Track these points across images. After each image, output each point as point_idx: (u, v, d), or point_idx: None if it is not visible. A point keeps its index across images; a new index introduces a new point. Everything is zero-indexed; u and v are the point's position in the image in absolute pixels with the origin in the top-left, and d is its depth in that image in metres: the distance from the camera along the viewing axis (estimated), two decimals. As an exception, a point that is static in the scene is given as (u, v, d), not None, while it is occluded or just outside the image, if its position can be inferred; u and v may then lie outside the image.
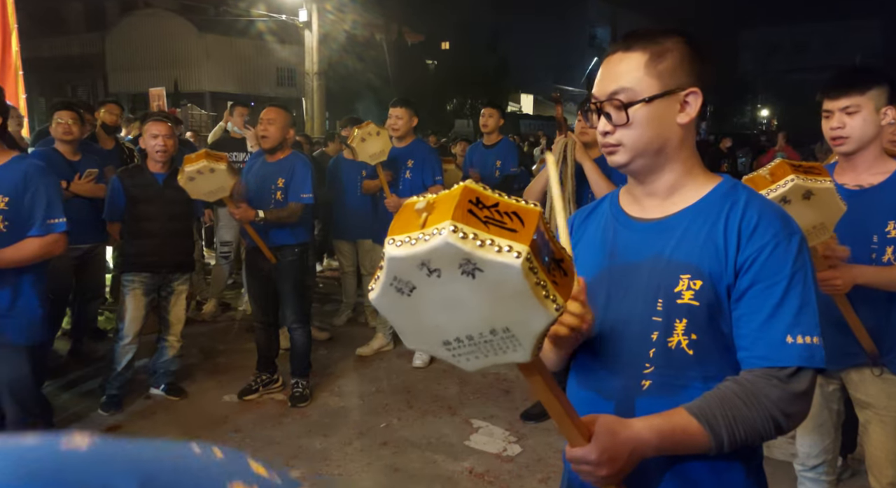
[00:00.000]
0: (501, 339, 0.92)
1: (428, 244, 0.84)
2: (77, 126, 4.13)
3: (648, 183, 1.24)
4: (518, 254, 0.83)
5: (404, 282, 0.90)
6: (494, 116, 5.25)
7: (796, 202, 1.64)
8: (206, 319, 5.53)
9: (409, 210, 0.91)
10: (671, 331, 1.16)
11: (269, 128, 3.81)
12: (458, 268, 0.86)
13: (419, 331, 0.96)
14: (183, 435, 3.51)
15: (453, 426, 3.67)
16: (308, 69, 16.52)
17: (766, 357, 1.10)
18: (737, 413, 1.08)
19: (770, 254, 1.11)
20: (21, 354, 2.57)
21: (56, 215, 2.56)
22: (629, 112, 1.16)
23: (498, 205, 0.89)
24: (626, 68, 1.18)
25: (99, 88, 26.63)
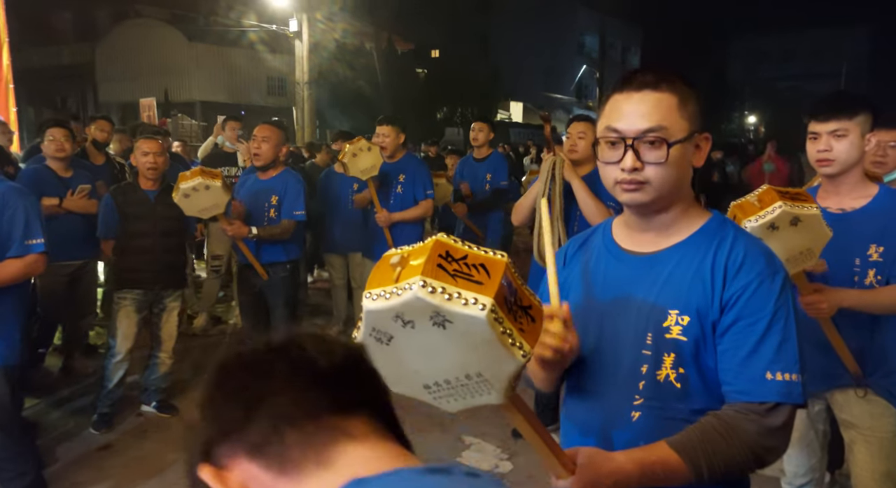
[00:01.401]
0: (476, 383, 0.98)
1: (400, 298, 0.90)
2: (69, 143, 4.13)
3: (652, 219, 1.26)
4: (483, 305, 0.89)
5: (382, 332, 0.96)
6: (485, 131, 5.29)
7: (784, 228, 1.68)
8: (196, 333, 5.51)
9: (386, 264, 0.98)
10: (660, 365, 1.20)
11: (263, 146, 3.82)
12: (430, 320, 0.91)
13: (401, 377, 1.01)
14: (175, 453, 3.51)
15: (445, 443, 3.68)
16: (298, 78, 16.54)
17: (746, 392, 1.13)
18: (716, 447, 1.11)
19: (754, 291, 1.15)
20: (0, 375, 2.56)
21: (34, 236, 2.57)
22: (670, 150, 1.17)
23: (466, 258, 0.95)
24: (662, 107, 1.18)
25: (89, 98, 26.53)
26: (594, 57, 35.49)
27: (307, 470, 0.60)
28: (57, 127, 4.13)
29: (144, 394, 4.01)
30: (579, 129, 3.17)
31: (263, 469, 0.61)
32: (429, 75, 28.35)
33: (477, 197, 5.31)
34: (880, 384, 2.02)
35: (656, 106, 1.18)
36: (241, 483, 0.61)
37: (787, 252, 1.69)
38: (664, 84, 1.20)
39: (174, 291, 3.94)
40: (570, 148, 3.15)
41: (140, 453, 3.51)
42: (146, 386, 4.00)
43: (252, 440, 0.61)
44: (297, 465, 0.60)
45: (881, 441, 2.03)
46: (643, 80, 1.20)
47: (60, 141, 4.08)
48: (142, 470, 3.34)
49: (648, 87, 1.20)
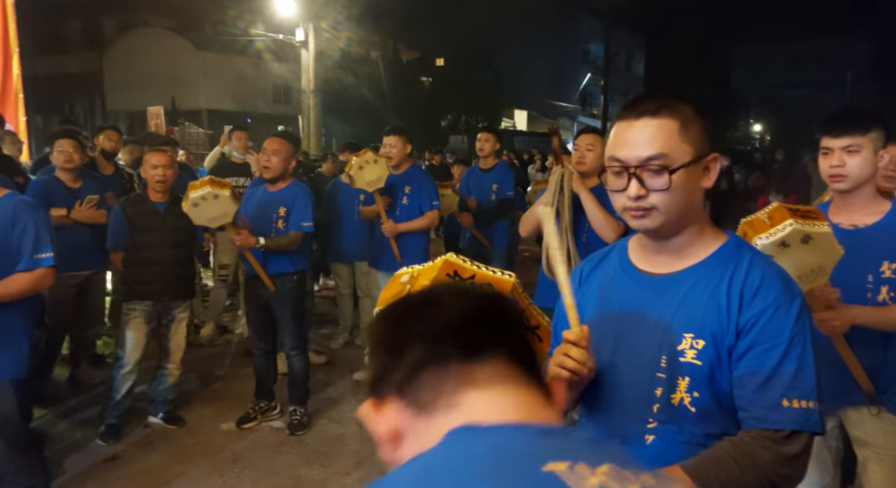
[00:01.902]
0: None
1: None
2: (78, 154, 4.15)
3: (664, 242, 1.26)
4: None
5: None
6: (491, 141, 5.30)
7: (795, 246, 1.67)
8: (203, 343, 5.52)
9: (396, 282, 1.00)
10: (674, 388, 1.19)
11: (273, 159, 3.84)
12: None
13: None
14: (182, 465, 3.50)
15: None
16: (304, 87, 16.60)
17: (763, 419, 1.13)
18: (731, 474, 1.10)
19: (771, 317, 1.14)
20: (9, 389, 2.56)
21: (44, 250, 2.57)
22: (672, 177, 1.16)
23: (474, 277, 0.97)
24: (662, 134, 1.18)
25: (97, 107, 26.68)
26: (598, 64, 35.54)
27: (436, 412, 0.68)
28: (66, 138, 4.15)
29: (152, 405, 4.01)
30: (587, 142, 3.17)
31: (405, 408, 0.70)
32: (433, 83, 28.46)
33: (483, 207, 5.32)
34: (893, 402, 2.00)
35: (656, 133, 1.18)
36: (392, 417, 0.71)
37: (798, 270, 1.68)
38: (665, 110, 1.19)
39: (183, 302, 3.95)
40: (578, 160, 3.15)
41: (147, 465, 3.51)
42: (153, 398, 4.00)
43: (397, 382, 0.71)
44: (429, 407, 0.69)
45: (894, 459, 2.01)
46: (643, 107, 1.20)
47: (69, 152, 4.10)
48: (149, 482, 3.34)
49: (648, 114, 1.19)
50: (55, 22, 25.46)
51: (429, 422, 0.69)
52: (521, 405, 0.69)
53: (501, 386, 0.69)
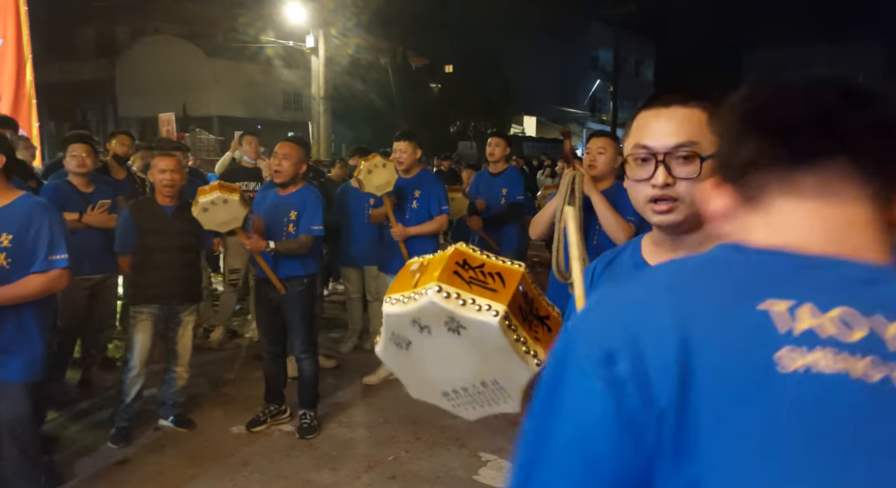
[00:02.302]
0: (492, 391, 1.00)
1: (416, 303, 0.94)
2: (90, 158, 4.19)
3: (682, 239, 1.23)
4: (496, 312, 0.91)
5: (401, 337, 0.99)
6: (501, 145, 5.30)
7: None
8: (213, 347, 5.54)
9: (407, 271, 1.02)
10: None
11: (284, 164, 3.85)
12: (445, 326, 0.94)
13: (420, 383, 1.04)
14: (192, 468, 3.51)
15: (461, 459, 3.66)
16: (314, 93, 16.72)
17: None
18: None
19: None
20: (21, 391, 2.58)
21: (58, 251, 2.59)
22: (703, 165, 1.14)
23: (483, 266, 0.97)
24: (691, 123, 1.17)
25: (109, 113, 26.94)
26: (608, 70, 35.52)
27: (753, 208, 0.72)
28: (79, 142, 4.19)
29: (162, 409, 4.02)
30: (599, 145, 3.16)
31: (734, 195, 0.76)
32: (442, 90, 28.54)
33: (492, 211, 5.32)
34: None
35: (686, 121, 1.17)
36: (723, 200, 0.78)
37: None
38: (692, 101, 1.19)
39: (190, 306, 3.96)
40: (589, 163, 3.14)
41: (158, 468, 3.51)
42: (163, 401, 4.01)
43: (731, 170, 0.76)
44: (751, 202, 0.73)
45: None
46: (671, 97, 1.20)
47: (82, 156, 4.13)
48: (159, 484, 3.34)
49: (677, 103, 1.19)
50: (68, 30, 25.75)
51: (745, 216, 0.73)
52: (831, 225, 0.67)
53: (822, 200, 0.67)
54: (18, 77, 6.80)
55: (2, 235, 2.50)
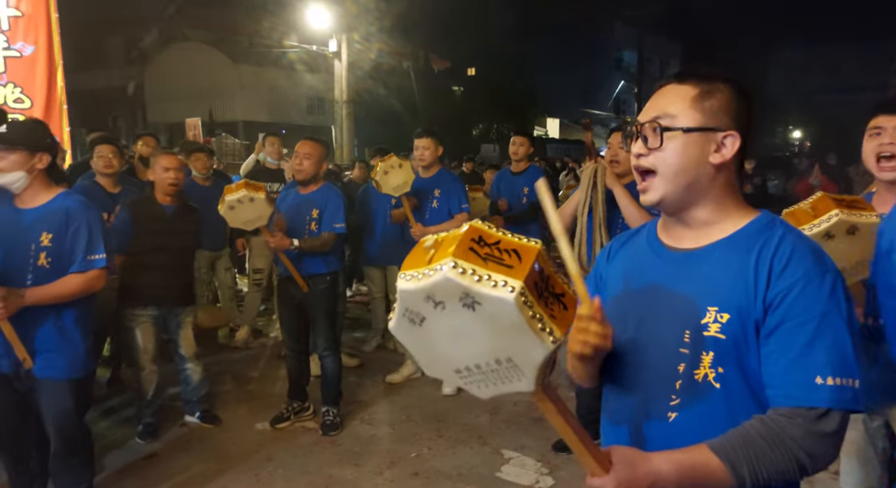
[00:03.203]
0: (506, 369, 0.99)
1: (431, 279, 0.93)
2: (117, 159, 4.26)
3: (681, 219, 1.25)
4: (512, 288, 0.90)
5: (415, 313, 0.98)
6: (525, 145, 5.28)
7: (840, 237, 1.61)
8: (238, 346, 5.59)
9: (420, 248, 1.01)
10: (698, 364, 1.16)
11: (305, 163, 3.88)
12: (459, 301, 0.93)
13: (433, 360, 1.03)
14: (218, 464, 3.54)
15: (484, 456, 3.64)
16: (337, 97, 16.82)
17: (794, 396, 1.09)
18: (759, 452, 1.07)
19: (801, 291, 1.10)
20: (66, 388, 2.61)
21: (97, 251, 2.61)
22: (664, 136, 1.19)
23: (499, 243, 0.96)
24: (674, 97, 1.21)
25: (138, 119, 27.44)
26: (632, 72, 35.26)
27: None
28: (105, 143, 4.27)
29: (187, 406, 4.08)
30: (620, 139, 3.13)
31: None
32: (465, 93, 28.54)
33: (514, 210, 5.29)
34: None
35: (671, 96, 1.22)
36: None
37: (841, 263, 1.62)
38: (690, 78, 1.22)
39: (186, 308, 3.93)
40: (611, 158, 3.11)
41: (185, 463, 3.55)
42: (187, 399, 4.06)
43: None
44: None
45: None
46: (672, 76, 1.25)
47: (108, 157, 4.21)
48: (186, 479, 3.38)
49: (674, 81, 1.24)
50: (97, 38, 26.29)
51: None
52: None
53: None
54: (50, 83, 6.95)
55: (42, 234, 2.54)
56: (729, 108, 1.20)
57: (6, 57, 6.09)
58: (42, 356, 2.56)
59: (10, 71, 6.07)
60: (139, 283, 3.70)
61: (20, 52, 6.23)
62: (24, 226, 2.54)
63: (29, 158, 2.51)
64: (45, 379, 2.57)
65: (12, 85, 6.32)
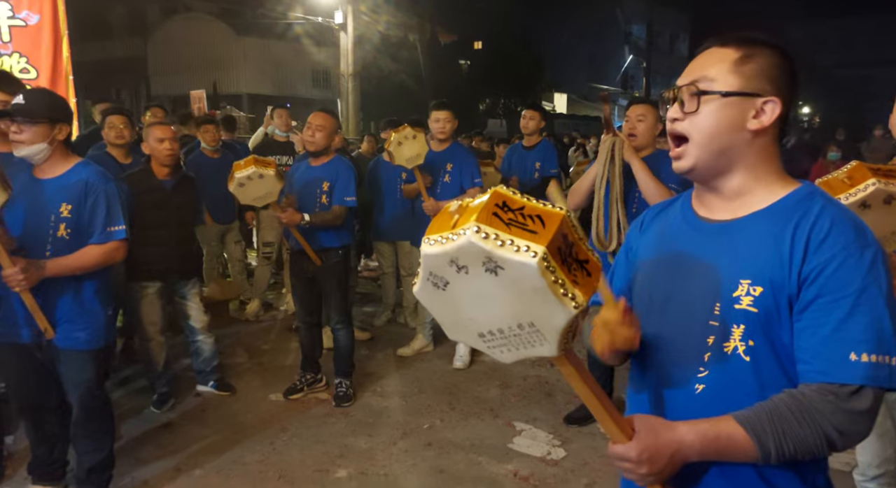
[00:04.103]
0: (528, 334, 1.00)
1: (455, 243, 0.94)
2: (128, 130, 4.24)
3: (713, 187, 1.22)
4: (535, 253, 0.91)
5: (439, 277, 1.00)
6: (535, 118, 5.23)
7: (877, 207, 1.59)
8: (249, 319, 5.63)
9: (445, 213, 1.02)
10: (728, 337, 1.15)
11: (317, 134, 3.86)
12: (482, 266, 0.94)
13: (456, 324, 1.05)
14: (234, 433, 3.59)
15: (496, 428, 3.67)
16: (343, 70, 16.67)
17: (826, 372, 1.07)
18: (787, 427, 1.06)
19: (839, 266, 1.07)
20: (87, 358, 2.64)
21: (116, 222, 2.61)
22: (701, 100, 1.17)
23: (523, 209, 0.97)
24: (714, 60, 1.19)
25: (141, 91, 27.27)
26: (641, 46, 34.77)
27: None
28: (117, 114, 4.25)
29: (200, 376, 4.12)
30: (639, 112, 3.10)
31: None
32: (471, 67, 28.24)
33: (525, 185, 5.27)
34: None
35: (711, 59, 1.19)
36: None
37: (877, 233, 1.61)
38: (732, 41, 1.19)
39: (191, 280, 3.94)
40: (629, 131, 3.08)
41: (201, 432, 3.60)
42: (200, 369, 4.10)
43: None
44: None
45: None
46: (716, 39, 1.22)
47: (120, 128, 4.19)
48: (202, 447, 3.43)
49: (716, 44, 1.21)
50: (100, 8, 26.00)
51: None
52: None
53: None
54: (55, 53, 6.89)
55: (62, 206, 2.54)
56: (770, 74, 1.17)
57: (11, 26, 6.02)
58: (63, 326, 2.58)
59: (16, 40, 6.00)
60: (141, 258, 3.61)
61: (25, 21, 6.16)
62: (43, 197, 2.54)
63: (50, 130, 2.50)
64: (66, 349, 2.59)
65: (18, 54, 6.26)
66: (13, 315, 2.56)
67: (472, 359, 4.64)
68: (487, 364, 4.63)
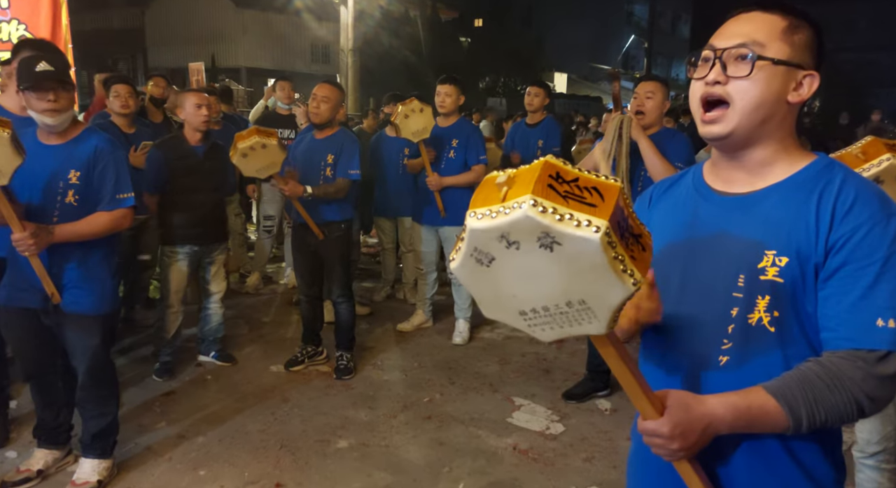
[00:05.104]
0: (577, 311, 0.95)
1: (508, 217, 0.87)
2: (133, 99, 4.22)
3: (739, 157, 1.21)
4: (597, 228, 0.85)
5: (484, 253, 0.93)
6: (540, 95, 5.21)
7: (890, 182, 1.59)
8: (249, 292, 5.64)
9: (490, 184, 0.94)
10: (752, 308, 1.15)
11: (322, 106, 3.84)
12: (537, 241, 0.88)
13: (497, 301, 0.99)
14: (235, 402, 3.62)
15: (495, 403, 3.72)
16: (343, 46, 16.46)
17: (854, 339, 1.08)
18: (818, 394, 1.06)
19: (865, 235, 1.09)
20: (93, 324, 2.65)
21: (124, 190, 2.62)
22: (756, 65, 1.13)
23: (578, 180, 0.91)
24: (763, 25, 1.16)
25: (139, 63, 26.94)
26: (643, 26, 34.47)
27: None
28: (122, 83, 4.21)
29: (203, 345, 4.15)
30: (647, 89, 3.09)
31: None
32: (472, 44, 27.97)
33: (528, 162, 5.24)
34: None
35: (758, 23, 1.16)
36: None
37: None
38: (777, 8, 1.17)
39: (221, 245, 4.04)
40: (637, 108, 3.07)
41: (202, 400, 3.63)
42: (204, 338, 4.12)
43: None
44: None
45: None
46: (758, 3, 1.18)
47: (125, 97, 4.16)
48: (204, 416, 3.46)
49: (759, 8, 1.18)
50: (98, -23, 25.57)
51: None
52: None
53: None
54: (55, 20, 6.79)
55: (71, 172, 2.54)
56: (812, 47, 1.17)
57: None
58: (70, 292, 2.59)
59: (14, 7, 5.91)
60: (176, 223, 3.79)
61: (24, -12, 6.07)
62: (52, 163, 2.54)
63: (73, 95, 2.52)
64: (72, 314, 2.60)
65: (16, 21, 6.16)
66: (21, 279, 2.57)
67: (472, 336, 4.67)
68: (486, 340, 4.66)
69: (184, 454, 3.09)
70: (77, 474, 2.75)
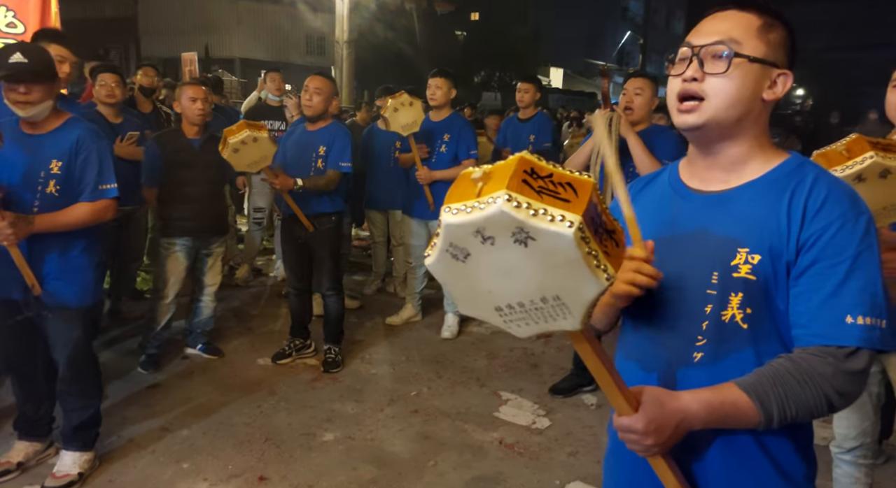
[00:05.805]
0: (552, 307, 0.95)
1: (483, 212, 0.87)
2: (120, 89, 4.17)
3: (713, 153, 1.22)
4: (570, 223, 0.86)
5: (459, 248, 0.93)
6: (531, 91, 5.19)
7: (872, 180, 1.59)
8: (238, 284, 5.62)
9: (466, 179, 0.94)
10: (725, 305, 1.16)
11: (315, 98, 3.81)
12: (512, 237, 0.88)
13: (472, 297, 0.99)
14: (221, 395, 3.61)
15: (482, 397, 3.72)
16: (338, 37, 16.37)
17: (824, 335, 1.09)
18: (789, 389, 1.08)
19: (836, 233, 1.10)
20: (74, 315, 2.63)
21: (107, 181, 2.58)
22: (732, 62, 1.15)
23: (552, 176, 0.91)
24: (737, 23, 1.17)
25: (132, 52, 26.73)
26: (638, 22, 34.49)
27: None
28: (108, 72, 4.17)
29: (190, 337, 4.12)
30: (636, 85, 3.08)
31: None
32: (468, 38, 27.93)
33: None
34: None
35: (734, 21, 1.18)
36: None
37: (871, 206, 1.62)
38: (753, 7, 1.18)
39: (219, 237, 4.02)
40: (625, 104, 3.07)
41: (187, 393, 3.62)
42: (192, 330, 4.10)
43: None
44: None
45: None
46: (734, 2, 1.20)
47: (111, 86, 4.12)
48: (189, 409, 3.45)
49: (735, 7, 1.19)
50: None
51: None
52: None
53: None
54: (44, 8, 6.72)
55: (52, 162, 2.50)
56: (786, 46, 1.19)
57: (-2, -22, 5.87)
58: (51, 283, 2.56)
59: (3, -7, 5.83)
60: (174, 215, 3.81)
61: (12, -26, 5.99)
62: (33, 152, 2.50)
63: (51, 87, 2.46)
64: (53, 306, 2.58)
65: (4, 8, 6.09)
66: (1, 270, 2.54)
67: (460, 331, 4.67)
68: (475, 335, 4.66)
69: (167, 447, 3.08)
70: (58, 466, 2.73)
